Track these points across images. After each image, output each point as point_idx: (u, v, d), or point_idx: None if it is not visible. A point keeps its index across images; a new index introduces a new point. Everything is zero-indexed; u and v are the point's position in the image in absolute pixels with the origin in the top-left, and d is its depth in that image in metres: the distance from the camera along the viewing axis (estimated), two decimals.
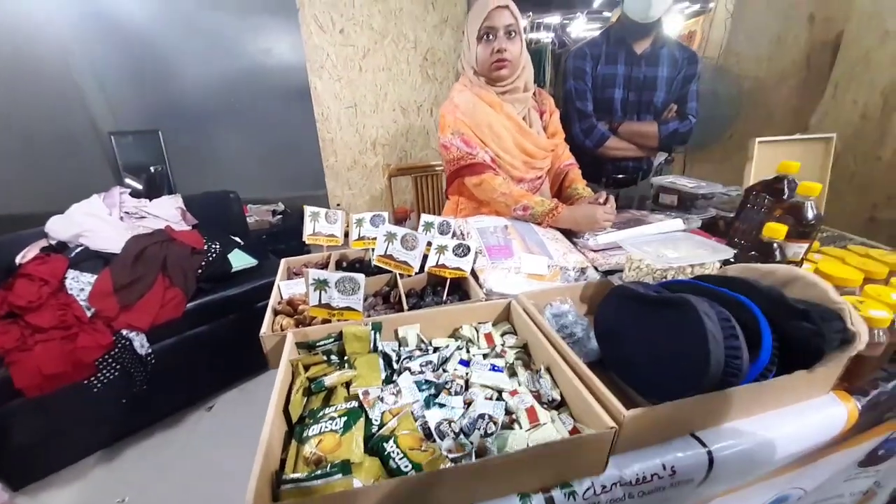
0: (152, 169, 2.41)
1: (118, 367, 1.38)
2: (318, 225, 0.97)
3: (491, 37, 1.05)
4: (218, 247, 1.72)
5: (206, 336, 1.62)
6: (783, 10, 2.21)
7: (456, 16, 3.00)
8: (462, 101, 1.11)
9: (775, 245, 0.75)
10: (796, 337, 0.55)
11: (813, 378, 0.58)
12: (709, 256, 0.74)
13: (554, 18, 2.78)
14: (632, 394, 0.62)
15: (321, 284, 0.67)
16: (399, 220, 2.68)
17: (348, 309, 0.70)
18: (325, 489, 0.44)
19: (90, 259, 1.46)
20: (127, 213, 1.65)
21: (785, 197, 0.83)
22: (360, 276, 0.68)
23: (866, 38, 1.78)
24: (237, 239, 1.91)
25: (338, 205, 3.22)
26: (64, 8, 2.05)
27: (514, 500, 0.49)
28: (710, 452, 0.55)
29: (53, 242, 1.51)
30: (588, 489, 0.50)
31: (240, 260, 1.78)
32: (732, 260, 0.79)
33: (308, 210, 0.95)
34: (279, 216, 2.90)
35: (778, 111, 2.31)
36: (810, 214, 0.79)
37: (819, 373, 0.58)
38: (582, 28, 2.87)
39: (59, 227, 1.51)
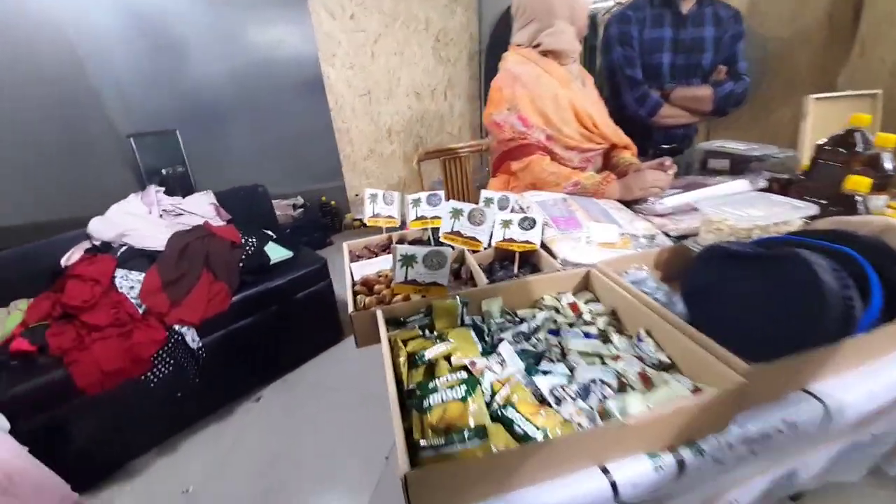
0: (173, 169, 2.41)
1: (172, 361, 1.40)
2: (377, 207, 0.96)
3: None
4: (254, 240, 1.72)
5: (251, 328, 1.64)
6: None
7: None
8: (524, 71, 1.08)
9: (858, 198, 0.73)
10: None
11: None
12: (794, 213, 0.73)
13: None
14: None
15: (409, 260, 0.67)
16: None
17: (434, 284, 0.70)
18: (466, 454, 0.44)
19: (136, 257, 1.47)
20: (165, 210, 1.66)
21: (861, 150, 0.81)
22: (447, 250, 0.68)
23: None
24: (269, 232, 1.91)
25: (356, 195, 3.21)
26: (78, 12, 2.02)
27: (643, 458, 0.49)
28: (825, 406, 0.55)
29: (97, 243, 1.52)
30: (715, 446, 0.50)
31: (276, 252, 1.78)
32: (817, 216, 0.77)
33: (368, 192, 0.95)
34: (300, 209, 2.90)
35: (803, 71, 2.25)
36: (889, 165, 0.77)
37: None
38: None
39: (101, 228, 1.52)
